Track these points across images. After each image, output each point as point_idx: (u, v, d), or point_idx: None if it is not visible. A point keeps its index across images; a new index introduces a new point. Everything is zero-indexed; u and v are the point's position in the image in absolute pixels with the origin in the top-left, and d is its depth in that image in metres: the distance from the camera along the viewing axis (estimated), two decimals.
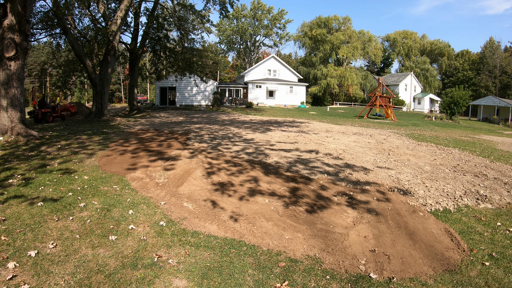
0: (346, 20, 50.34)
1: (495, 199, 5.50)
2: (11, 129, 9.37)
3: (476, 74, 59.28)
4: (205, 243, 3.72)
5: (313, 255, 3.56)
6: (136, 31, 22.90)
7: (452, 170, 7.31)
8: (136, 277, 3.01)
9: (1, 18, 9.49)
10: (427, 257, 3.54)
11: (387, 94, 28.02)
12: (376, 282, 3.09)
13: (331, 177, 6.28)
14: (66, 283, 2.87)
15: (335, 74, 45.60)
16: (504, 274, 3.23)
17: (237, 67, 67.89)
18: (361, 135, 12.94)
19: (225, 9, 21.41)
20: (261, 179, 6.12)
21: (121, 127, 13.38)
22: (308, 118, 21.96)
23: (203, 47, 26.56)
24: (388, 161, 7.90)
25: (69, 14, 15.38)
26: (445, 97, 35.37)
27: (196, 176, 6.20)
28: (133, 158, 7.55)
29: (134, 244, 3.63)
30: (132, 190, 5.39)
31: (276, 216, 4.55)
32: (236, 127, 14.19)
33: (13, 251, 3.32)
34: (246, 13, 54.62)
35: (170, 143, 9.48)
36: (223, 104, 35.47)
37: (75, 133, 10.86)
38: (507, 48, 61.03)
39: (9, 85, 9.49)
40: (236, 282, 3.03)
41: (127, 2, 16.01)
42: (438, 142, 11.94)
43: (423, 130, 17.22)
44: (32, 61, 56.05)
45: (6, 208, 4.39)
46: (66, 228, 3.91)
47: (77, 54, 15.43)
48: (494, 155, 9.66)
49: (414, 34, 59.49)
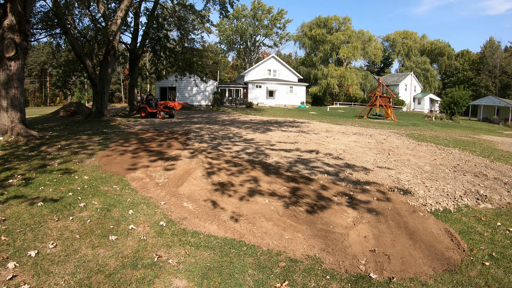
0: (346, 20, 50.36)
1: (495, 199, 5.50)
2: (11, 129, 9.37)
3: (476, 74, 59.29)
4: (205, 243, 3.72)
5: (313, 255, 3.56)
6: (136, 31, 22.89)
7: (452, 170, 7.31)
8: (136, 277, 3.01)
9: (1, 18, 9.49)
10: (427, 257, 3.54)
11: (387, 94, 28.02)
12: (376, 282, 3.09)
13: (331, 177, 6.28)
14: (66, 283, 2.87)
15: (335, 74, 45.60)
16: (504, 274, 3.23)
17: (237, 67, 67.89)
18: (361, 135, 12.94)
19: (225, 9, 21.40)
20: (261, 179, 6.12)
21: (121, 127, 13.38)
22: (308, 118, 21.96)
23: (203, 47, 26.55)
24: (388, 161, 7.90)
25: (69, 14, 15.37)
26: (445, 97, 35.40)
27: (196, 176, 6.20)
28: (133, 158, 7.55)
29: (134, 244, 3.63)
30: (132, 190, 5.39)
31: (276, 216, 4.55)
32: (236, 127, 14.19)
33: (13, 251, 3.32)
34: (246, 13, 54.64)
35: (170, 143, 9.48)
36: (223, 104, 35.47)
37: (75, 133, 10.86)
38: (507, 48, 61.03)
39: (9, 85, 9.49)
40: (236, 282, 3.03)
41: (127, 2, 16.01)
42: (438, 142, 11.94)
43: (423, 130, 17.22)
44: (32, 61, 56.08)
45: (6, 208, 4.39)
46: (66, 228, 3.91)
47: (77, 54, 15.42)
48: (494, 155, 9.66)
49: (414, 34, 59.51)
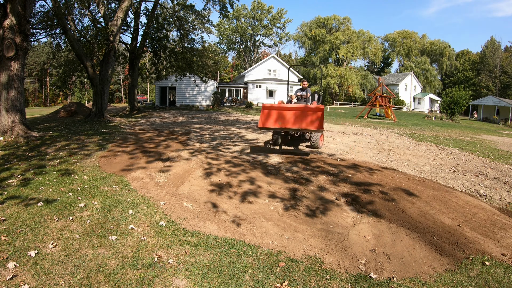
0: (345, 20, 50.37)
1: (495, 199, 5.50)
2: (11, 129, 9.37)
3: (476, 74, 59.28)
4: (205, 243, 3.72)
5: (313, 255, 3.56)
6: (136, 31, 22.90)
7: (452, 170, 7.31)
8: (136, 277, 3.01)
9: (1, 19, 9.49)
10: (427, 257, 3.54)
11: (387, 94, 28.02)
12: (376, 282, 3.09)
13: (331, 177, 6.28)
14: (66, 283, 2.87)
15: (335, 74, 45.61)
16: (504, 274, 3.23)
17: (237, 67, 67.88)
18: (361, 135, 12.94)
19: (225, 9, 21.42)
20: (262, 179, 6.12)
21: (122, 127, 13.38)
22: None
23: (203, 47, 26.56)
24: (388, 161, 7.90)
25: (69, 14, 15.37)
26: (445, 97, 35.40)
27: (196, 176, 6.20)
28: (133, 159, 7.55)
29: (134, 244, 3.63)
30: (132, 190, 5.39)
31: (276, 216, 4.55)
32: (237, 127, 14.19)
33: (13, 251, 3.32)
34: (246, 13, 54.63)
35: (170, 143, 9.48)
36: (223, 104, 35.48)
37: (75, 133, 10.86)
38: (508, 48, 61.01)
39: (9, 85, 9.49)
40: (236, 282, 3.03)
41: (128, 3, 16.02)
42: (438, 142, 11.93)
43: (423, 130, 17.21)
44: (32, 61, 56.09)
45: (6, 208, 4.39)
46: (66, 228, 3.92)
47: (77, 54, 15.43)
48: (494, 155, 9.66)
49: (414, 34, 59.51)
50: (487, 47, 60.11)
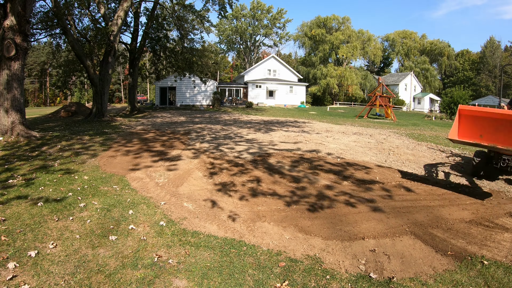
0: (345, 20, 50.36)
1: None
2: (11, 129, 9.37)
3: (476, 74, 59.28)
4: (205, 243, 3.72)
5: (313, 255, 3.56)
6: (136, 31, 22.91)
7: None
8: (136, 277, 3.01)
9: (1, 19, 9.49)
10: (427, 257, 3.54)
11: (387, 94, 28.01)
12: (376, 282, 3.09)
13: (332, 177, 6.28)
14: (66, 283, 2.87)
15: (335, 74, 45.60)
16: (504, 274, 3.23)
17: (237, 67, 67.88)
18: (361, 135, 12.94)
19: (224, 10, 21.42)
20: (263, 179, 6.12)
21: (122, 127, 13.39)
22: (308, 118, 21.96)
23: (203, 47, 26.57)
24: (388, 161, 7.90)
25: (69, 14, 15.37)
26: (445, 97, 35.39)
27: (197, 176, 6.20)
28: (133, 159, 7.55)
29: (134, 244, 3.63)
30: (132, 190, 5.39)
31: (277, 216, 4.55)
32: (238, 127, 14.19)
33: (13, 251, 3.32)
34: (246, 13, 54.60)
35: (171, 143, 9.48)
36: (223, 104, 35.48)
37: (76, 134, 10.86)
38: (507, 48, 61.01)
39: (9, 85, 9.49)
40: (236, 282, 3.03)
41: (128, 3, 16.02)
42: (438, 142, 11.93)
43: (423, 130, 17.21)
44: (32, 61, 56.08)
45: (6, 208, 4.39)
46: (66, 228, 3.92)
47: (77, 54, 15.43)
48: None
49: (414, 34, 59.52)
50: (486, 47, 60.13)
